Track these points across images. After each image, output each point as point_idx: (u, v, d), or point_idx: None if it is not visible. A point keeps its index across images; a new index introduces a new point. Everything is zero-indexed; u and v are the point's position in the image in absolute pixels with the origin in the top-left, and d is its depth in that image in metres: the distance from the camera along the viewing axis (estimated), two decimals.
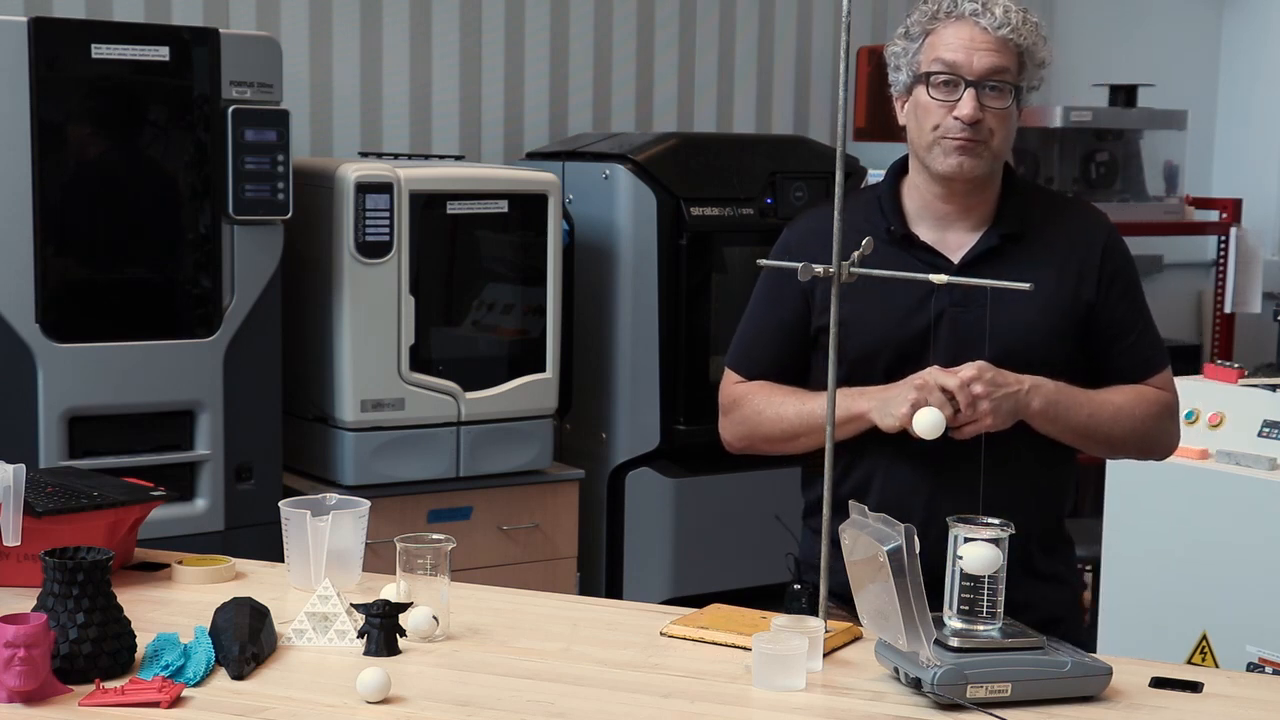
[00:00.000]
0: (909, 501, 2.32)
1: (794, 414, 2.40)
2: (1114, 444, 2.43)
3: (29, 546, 2.22)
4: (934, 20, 2.35)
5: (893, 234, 2.40)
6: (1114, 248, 2.44)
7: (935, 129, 2.34)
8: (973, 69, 2.31)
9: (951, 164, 2.34)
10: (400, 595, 2.19)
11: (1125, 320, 2.42)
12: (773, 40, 5.48)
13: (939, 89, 2.33)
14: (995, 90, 2.32)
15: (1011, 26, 2.31)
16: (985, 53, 2.31)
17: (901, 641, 1.92)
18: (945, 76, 2.32)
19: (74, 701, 1.88)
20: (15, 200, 3.52)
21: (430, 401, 4.07)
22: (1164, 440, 2.48)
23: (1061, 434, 2.35)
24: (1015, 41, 2.32)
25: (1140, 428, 2.41)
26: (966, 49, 2.32)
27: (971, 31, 2.32)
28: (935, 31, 2.35)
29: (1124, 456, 2.52)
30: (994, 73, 2.31)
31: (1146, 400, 2.42)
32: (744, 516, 4.55)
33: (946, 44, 2.33)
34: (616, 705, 1.93)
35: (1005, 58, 2.32)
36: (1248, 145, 6.51)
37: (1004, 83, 2.32)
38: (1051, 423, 2.33)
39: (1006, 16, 2.31)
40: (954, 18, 2.33)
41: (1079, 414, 2.34)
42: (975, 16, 2.32)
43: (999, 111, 2.33)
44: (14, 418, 3.56)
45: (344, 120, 4.71)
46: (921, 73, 2.35)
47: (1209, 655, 3.65)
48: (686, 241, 4.42)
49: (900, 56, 2.40)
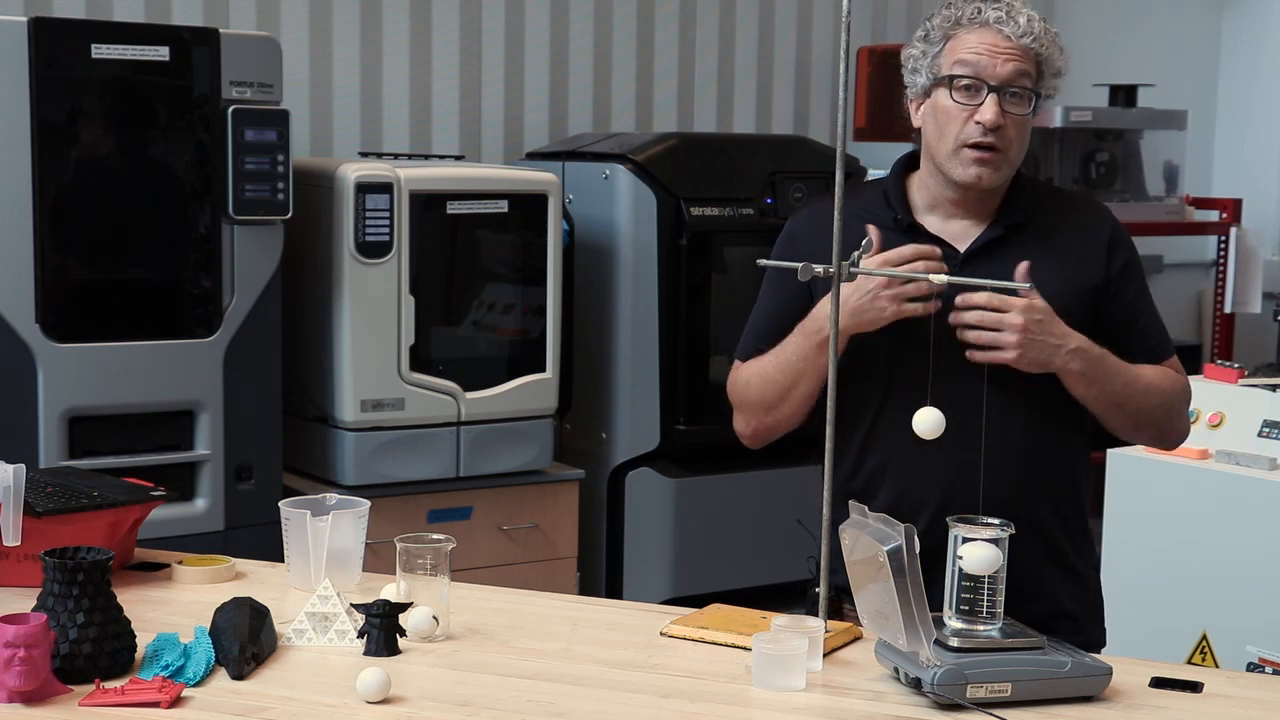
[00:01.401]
0: (924, 494, 2.32)
1: (772, 365, 2.41)
2: (1139, 419, 2.42)
3: (29, 546, 2.22)
4: (956, 26, 2.36)
5: (899, 223, 2.41)
6: (1119, 238, 2.45)
7: (956, 136, 2.34)
8: (996, 74, 2.32)
9: (971, 175, 2.34)
10: (400, 595, 2.19)
11: (1132, 308, 2.43)
12: (773, 40, 5.48)
13: (961, 92, 2.33)
14: (1016, 97, 2.33)
15: (1034, 35, 2.33)
16: (1008, 59, 2.32)
17: (901, 641, 1.92)
18: (968, 80, 2.33)
19: (74, 701, 1.88)
20: (15, 200, 3.52)
21: (430, 401, 4.07)
22: (1180, 424, 2.50)
23: (1096, 399, 2.35)
24: (1036, 50, 2.34)
25: (1165, 405, 2.43)
26: (990, 54, 2.32)
27: (995, 38, 2.33)
28: (957, 36, 2.35)
29: (1142, 436, 2.51)
30: (1017, 78, 2.32)
31: (1171, 380, 2.44)
32: (744, 516, 4.55)
33: (970, 48, 2.34)
34: (616, 705, 1.93)
35: (1026, 64, 2.33)
36: (1248, 145, 6.51)
37: (1025, 89, 2.33)
38: (1089, 385, 2.33)
39: (1030, 25, 2.33)
40: (977, 24, 2.34)
41: (1116, 381, 2.35)
42: (999, 24, 2.33)
43: (1018, 119, 2.34)
44: (14, 418, 3.56)
45: (344, 120, 4.71)
46: (943, 75, 2.35)
47: (1209, 655, 3.65)
48: (686, 241, 4.42)
49: (919, 59, 2.40)
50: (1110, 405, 2.37)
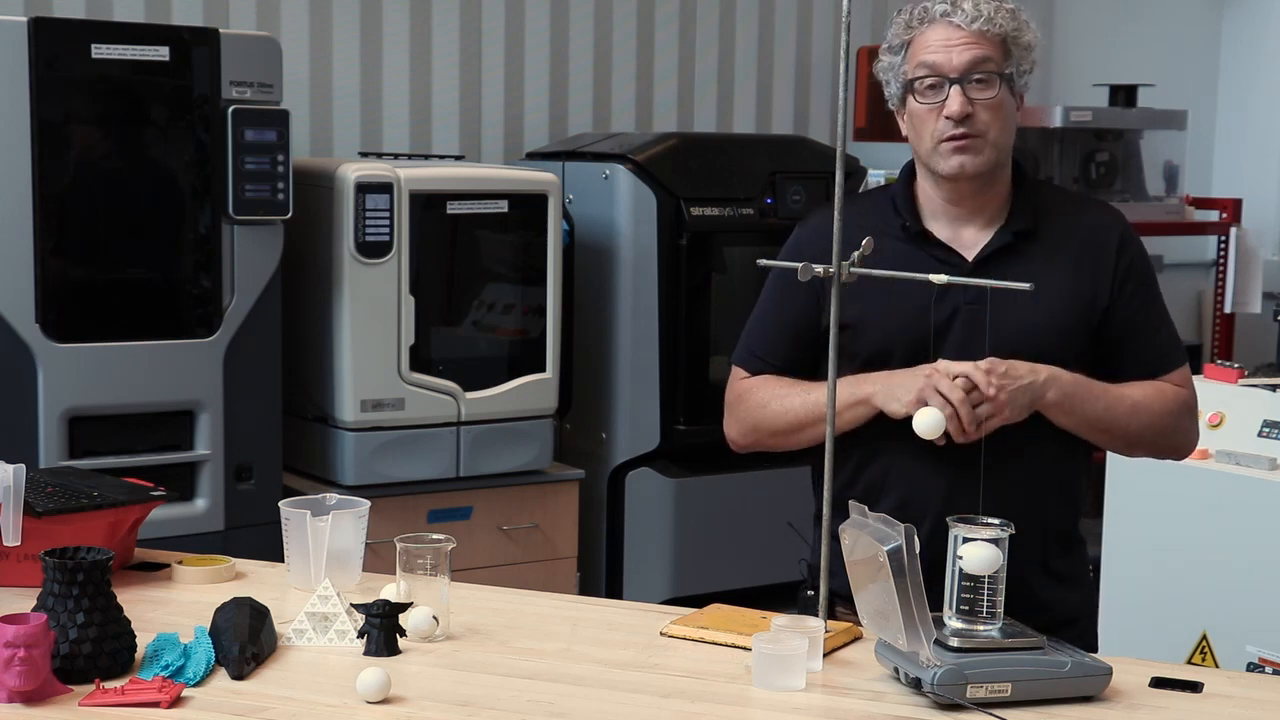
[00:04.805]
0: (926, 500, 2.32)
1: (799, 404, 2.39)
2: (1131, 439, 2.41)
3: (29, 546, 2.22)
4: (910, 30, 2.38)
5: (908, 230, 2.40)
6: (1128, 243, 2.43)
7: (932, 134, 2.34)
8: (953, 65, 2.33)
9: (953, 165, 2.34)
10: (400, 595, 2.19)
11: (1140, 316, 2.42)
12: (773, 40, 5.48)
13: (925, 93, 2.35)
14: (981, 83, 2.33)
15: (985, 18, 2.33)
16: (963, 48, 2.33)
17: (901, 641, 1.92)
18: (929, 80, 2.34)
19: (74, 701, 1.88)
20: (15, 200, 3.52)
21: (430, 401, 4.07)
22: (1181, 438, 2.46)
23: (1078, 426, 2.35)
24: (992, 32, 2.34)
25: (1158, 423, 2.40)
26: (944, 48, 2.34)
27: (947, 31, 2.34)
28: (914, 40, 2.37)
29: (1141, 453, 2.49)
30: (975, 64, 2.33)
31: (1164, 396, 2.41)
32: (744, 516, 4.55)
33: (926, 48, 2.35)
34: (616, 705, 1.93)
35: (985, 48, 2.33)
36: (1248, 145, 6.51)
37: (989, 73, 2.33)
38: (1068, 414, 2.32)
39: (977, 10, 2.33)
40: (928, 22, 2.36)
41: (1095, 406, 2.33)
42: (946, 16, 2.34)
43: (989, 102, 2.33)
44: (14, 418, 3.56)
45: (344, 120, 4.71)
46: (907, 80, 2.37)
47: (1209, 655, 3.65)
48: (686, 241, 4.42)
49: (889, 71, 2.43)
50: (1095, 430, 2.36)
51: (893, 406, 2.28)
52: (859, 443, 2.36)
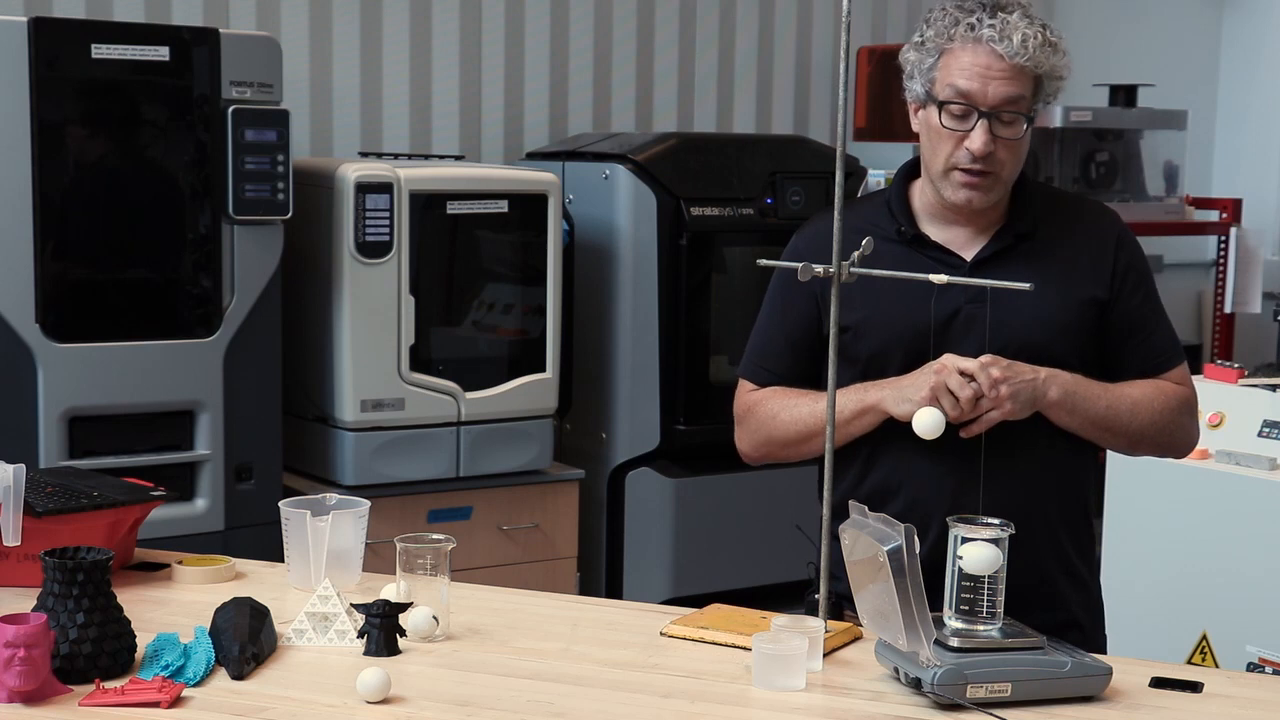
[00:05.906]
0: (935, 501, 2.31)
1: (808, 414, 2.39)
2: (1132, 437, 2.41)
3: (29, 546, 2.22)
4: (950, 40, 2.30)
5: (904, 234, 2.39)
6: (1125, 244, 2.43)
7: (947, 158, 2.32)
8: (987, 99, 2.27)
9: (961, 198, 2.33)
10: (400, 595, 2.19)
11: (1138, 316, 2.42)
12: (773, 40, 5.48)
13: (951, 118, 2.30)
14: (1008, 122, 2.29)
15: (1029, 55, 2.26)
16: (1000, 82, 2.27)
17: (901, 641, 1.92)
18: (959, 107, 2.29)
19: (74, 701, 1.88)
20: (15, 200, 3.52)
21: (430, 401, 4.07)
22: (1181, 436, 2.46)
23: (1080, 426, 2.35)
24: (1031, 69, 2.28)
25: (1159, 421, 2.40)
26: (982, 77, 2.27)
27: (988, 59, 2.27)
28: (951, 51, 2.30)
29: (1143, 452, 2.48)
30: (1008, 103, 2.28)
31: (1164, 394, 2.41)
32: (744, 516, 4.55)
33: (962, 69, 2.28)
34: (616, 705, 1.93)
35: (1020, 85, 2.28)
36: (1248, 145, 6.51)
37: (1017, 113, 2.29)
38: (1069, 414, 2.32)
39: (1024, 45, 2.26)
40: (970, 40, 2.28)
41: (1096, 405, 2.33)
42: (992, 43, 2.26)
43: (1010, 141, 2.30)
44: (14, 418, 3.56)
45: (344, 120, 4.71)
46: (935, 97, 2.31)
47: (1209, 655, 3.65)
48: (686, 241, 4.42)
49: (915, 65, 2.35)
50: (1096, 430, 2.36)
51: (904, 408, 2.27)
52: (866, 444, 2.36)
